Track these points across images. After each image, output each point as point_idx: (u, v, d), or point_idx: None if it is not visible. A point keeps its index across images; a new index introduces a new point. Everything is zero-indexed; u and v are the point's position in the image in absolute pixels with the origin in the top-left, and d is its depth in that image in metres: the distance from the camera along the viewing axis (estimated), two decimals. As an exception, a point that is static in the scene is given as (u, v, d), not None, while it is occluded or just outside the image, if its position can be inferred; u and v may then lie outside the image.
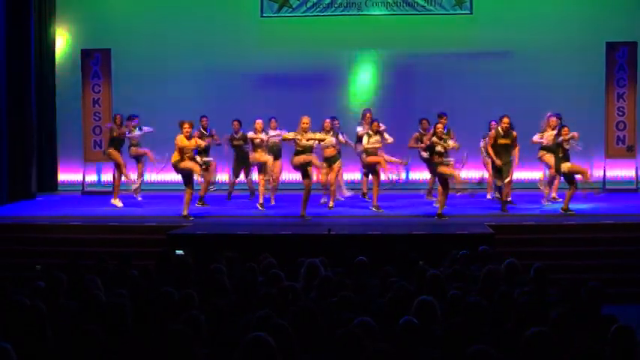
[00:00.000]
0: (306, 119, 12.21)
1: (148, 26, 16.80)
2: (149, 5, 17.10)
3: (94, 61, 16.39)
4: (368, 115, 13.54)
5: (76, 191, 16.48)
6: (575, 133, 12.41)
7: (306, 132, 12.20)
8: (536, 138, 13.18)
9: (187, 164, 12.23)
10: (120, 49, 16.41)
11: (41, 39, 16.65)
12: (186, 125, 12.30)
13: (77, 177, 16.86)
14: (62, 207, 14.31)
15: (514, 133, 12.49)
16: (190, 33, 16.67)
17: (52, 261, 10.02)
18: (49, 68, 16.93)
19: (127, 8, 16.99)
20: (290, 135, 12.31)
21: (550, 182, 13.47)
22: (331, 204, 13.10)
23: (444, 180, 12.26)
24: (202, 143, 12.67)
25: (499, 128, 12.51)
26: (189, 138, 12.33)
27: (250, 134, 13.61)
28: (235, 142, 14.14)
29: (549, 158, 12.74)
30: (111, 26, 16.72)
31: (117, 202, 13.78)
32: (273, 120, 13.98)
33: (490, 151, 12.57)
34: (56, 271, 6.90)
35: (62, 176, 17.15)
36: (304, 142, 12.13)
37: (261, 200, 13.25)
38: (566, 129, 12.33)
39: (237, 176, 14.38)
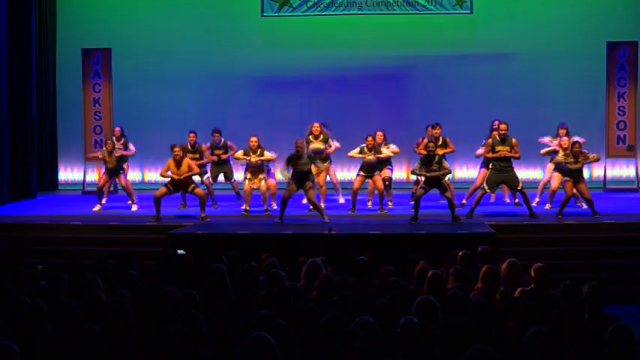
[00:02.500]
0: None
1: (149, 26, 16.81)
2: (150, 5, 17.12)
3: (94, 61, 16.39)
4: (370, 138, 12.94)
5: (76, 191, 16.50)
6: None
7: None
8: (546, 139, 13.11)
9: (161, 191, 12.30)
10: (120, 49, 16.42)
11: (41, 39, 16.66)
12: (176, 149, 12.28)
13: (78, 176, 16.89)
14: (63, 206, 14.32)
15: (513, 140, 12.02)
16: (191, 32, 16.69)
17: (53, 260, 10.02)
18: (49, 68, 16.95)
19: (128, 8, 17.01)
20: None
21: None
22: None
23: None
24: (195, 170, 12.48)
25: (496, 135, 12.17)
26: (179, 160, 12.24)
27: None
28: (216, 152, 13.97)
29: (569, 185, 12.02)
30: (111, 26, 16.74)
31: (96, 207, 13.58)
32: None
33: (489, 155, 12.20)
34: (57, 271, 6.90)
35: (63, 176, 17.18)
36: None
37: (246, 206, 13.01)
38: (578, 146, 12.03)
39: (215, 180, 14.26)
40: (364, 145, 12.96)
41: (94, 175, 16.70)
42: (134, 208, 13.60)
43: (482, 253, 8.25)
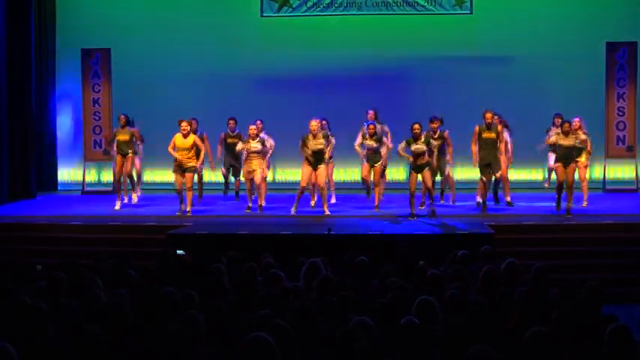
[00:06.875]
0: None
1: (148, 26, 16.80)
2: (149, 5, 17.11)
3: (93, 61, 16.38)
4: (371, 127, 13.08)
5: (75, 191, 16.48)
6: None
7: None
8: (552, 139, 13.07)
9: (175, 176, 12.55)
10: (120, 49, 16.41)
11: (41, 39, 16.65)
12: (184, 124, 12.53)
13: (77, 177, 16.88)
14: (62, 207, 14.31)
15: (499, 127, 12.43)
16: (190, 33, 16.68)
17: (52, 260, 10.01)
18: (49, 68, 16.94)
19: (127, 8, 16.99)
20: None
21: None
22: (312, 203, 13.21)
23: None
24: (201, 146, 12.86)
25: (484, 123, 12.40)
26: (186, 135, 12.47)
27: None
28: (229, 140, 14.02)
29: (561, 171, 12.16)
30: (111, 26, 16.71)
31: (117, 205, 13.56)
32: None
33: (473, 148, 12.52)
34: (56, 271, 6.90)
35: (62, 176, 17.16)
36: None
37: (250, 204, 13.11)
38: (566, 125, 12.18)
39: (228, 171, 14.31)
40: (366, 132, 12.92)
41: (93, 176, 16.73)
42: (134, 199, 13.58)
43: (483, 253, 8.26)
